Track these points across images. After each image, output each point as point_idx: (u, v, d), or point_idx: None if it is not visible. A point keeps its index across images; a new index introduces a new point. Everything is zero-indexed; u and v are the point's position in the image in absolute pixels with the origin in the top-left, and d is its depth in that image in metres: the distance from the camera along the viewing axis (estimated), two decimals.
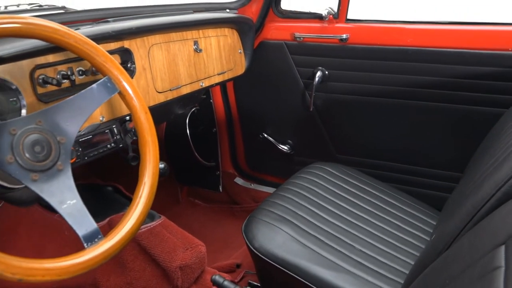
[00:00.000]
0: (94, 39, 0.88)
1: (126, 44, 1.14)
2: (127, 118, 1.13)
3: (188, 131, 1.93)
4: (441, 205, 1.17)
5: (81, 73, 1.01)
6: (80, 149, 1.01)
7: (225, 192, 2.09)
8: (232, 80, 1.62)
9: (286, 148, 1.88)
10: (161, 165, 1.01)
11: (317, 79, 1.62)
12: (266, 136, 1.90)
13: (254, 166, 2.06)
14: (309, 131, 1.80)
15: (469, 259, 0.54)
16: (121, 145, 1.13)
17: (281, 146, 1.88)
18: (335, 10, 1.56)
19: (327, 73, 1.62)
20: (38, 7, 1.29)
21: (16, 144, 0.71)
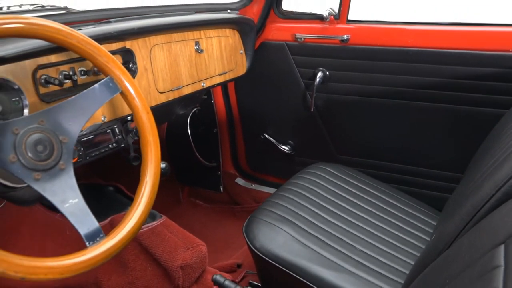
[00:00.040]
0: (96, 40, 0.88)
1: (128, 44, 1.14)
2: (129, 118, 1.13)
3: (189, 131, 1.93)
4: (442, 205, 1.18)
5: (83, 73, 1.01)
6: (82, 149, 1.02)
7: (226, 192, 2.09)
8: (233, 80, 1.63)
9: (287, 148, 1.88)
10: (163, 165, 1.02)
11: (318, 80, 1.62)
12: (267, 136, 1.91)
13: (255, 166, 2.06)
14: (310, 131, 1.80)
15: (469, 258, 0.55)
16: (122, 145, 1.13)
17: (282, 146, 1.89)
18: (336, 11, 1.56)
19: (328, 73, 1.63)
20: (40, 8, 1.30)
21: (18, 143, 0.72)
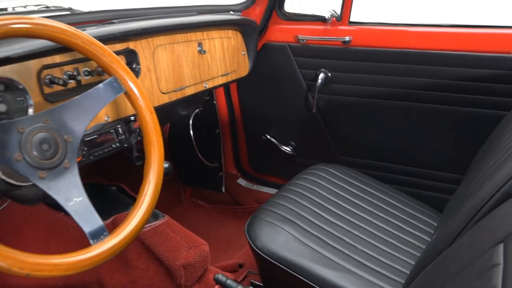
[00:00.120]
0: (100, 40, 0.89)
1: (131, 45, 1.15)
2: (132, 118, 1.14)
3: (191, 132, 1.94)
4: (443, 206, 1.18)
5: (87, 73, 1.02)
6: (85, 149, 1.02)
7: (228, 193, 2.10)
8: (235, 81, 1.64)
9: (288, 149, 1.89)
10: (165, 164, 1.02)
11: (320, 81, 1.63)
12: (269, 137, 1.91)
13: (257, 167, 2.07)
14: (311, 132, 1.81)
15: (468, 257, 0.55)
16: (125, 145, 1.14)
17: (284, 147, 1.89)
18: (338, 12, 1.57)
19: (330, 75, 1.63)
20: (45, 8, 1.31)
21: (24, 142, 0.73)
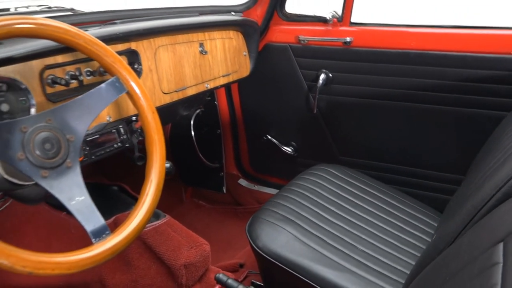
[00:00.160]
0: (102, 41, 0.89)
1: (133, 45, 1.15)
2: (133, 118, 1.14)
3: (192, 132, 1.94)
4: (443, 207, 1.18)
5: (89, 73, 1.02)
6: (87, 148, 1.03)
7: (229, 193, 2.10)
8: (236, 82, 1.64)
9: (289, 150, 1.89)
10: (167, 164, 1.03)
11: (321, 82, 1.63)
12: (270, 138, 1.92)
13: (257, 167, 2.07)
14: (312, 133, 1.81)
15: (468, 256, 0.55)
16: (127, 145, 1.14)
17: (285, 148, 1.89)
18: (339, 13, 1.57)
19: (331, 75, 1.64)
20: (47, 9, 1.31)
21: (27, 141, 0.73)
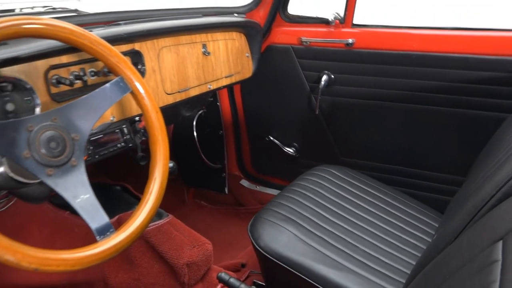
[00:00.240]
0: (106, 41, 0.90)
1: (136, 46, 1.16)
2: (137, 118, 1.15)
3: (195, 133, 1.95)
4: (444, 208, 1.18)
5: (93, 74, 1.04)
6: (91, 148, 1.04)
7: (230, 194, 2.11)
8: (239, 83, 1.65)
9: (291, 150, 1.90)
10: (170, 164, 1.04)
11: (323, 83, 1.64)
12: (272, 138, 1.92)
13: (259, 168, 2.08)
14: (314, 134, 1.82)
15: (468, 254, 0.56)
16: (130, 145, 1.15)
17: (287, 148, 1.90)
18: (342, 15, 1.58)
19: (333, 77, 1.64)
20: (52, 10, 1.32)
21: (32, 140, 0.74)
